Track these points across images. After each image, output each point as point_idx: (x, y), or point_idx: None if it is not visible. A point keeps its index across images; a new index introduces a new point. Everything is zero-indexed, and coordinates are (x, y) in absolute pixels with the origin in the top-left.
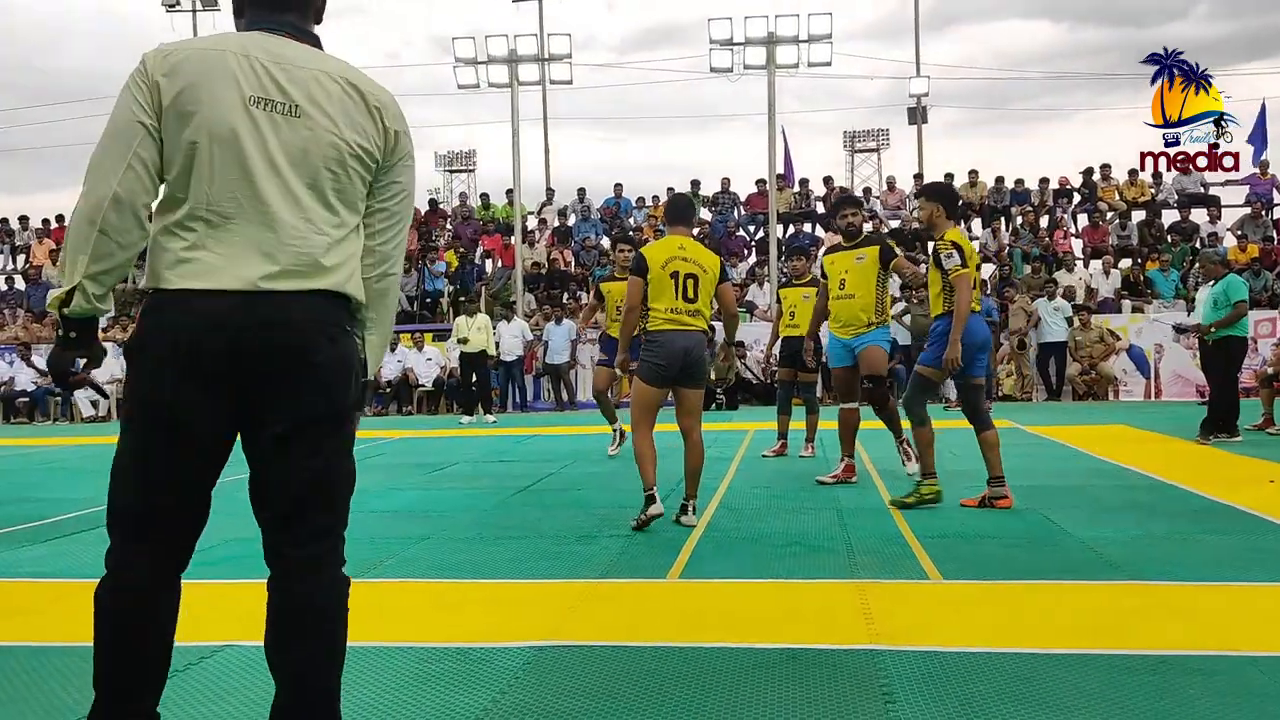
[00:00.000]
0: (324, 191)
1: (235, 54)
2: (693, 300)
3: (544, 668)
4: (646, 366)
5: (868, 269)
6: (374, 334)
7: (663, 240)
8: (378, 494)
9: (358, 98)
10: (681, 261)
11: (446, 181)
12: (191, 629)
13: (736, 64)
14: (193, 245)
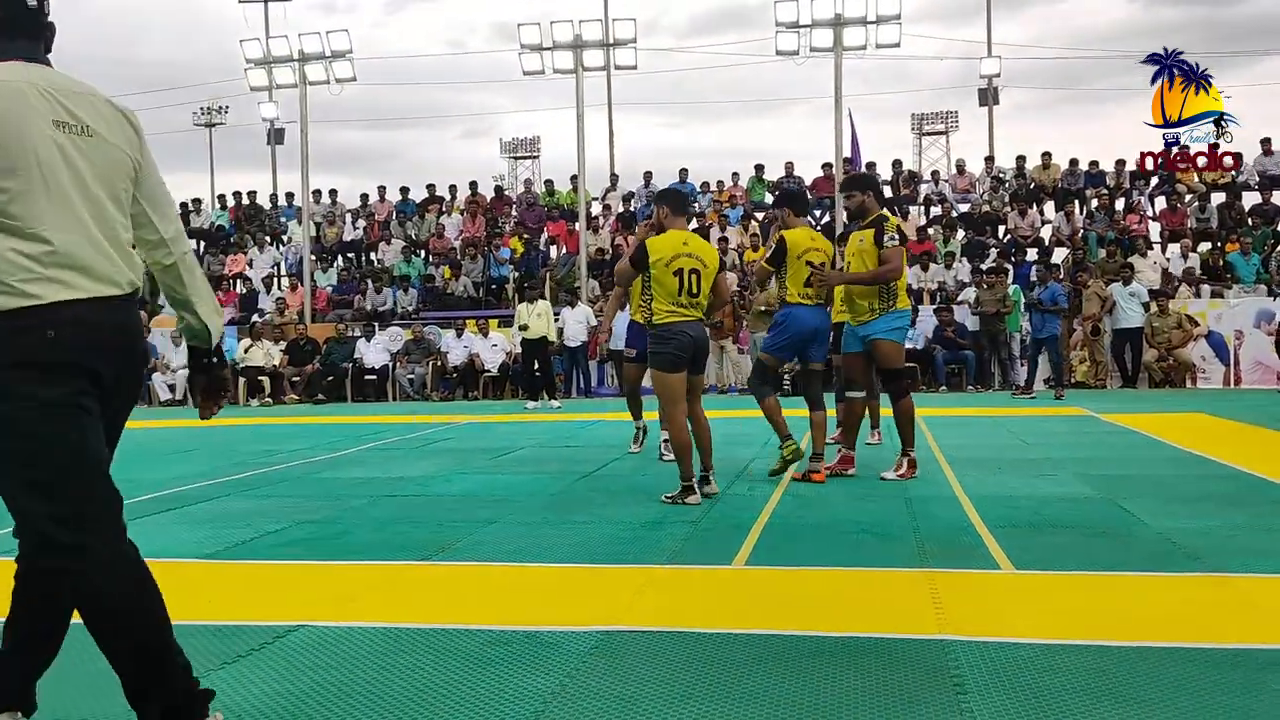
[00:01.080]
0: (121, 202)
1: (25, 82)
2: (695, 295)
3: (611, 652)
4: (665, 358)
5: (868, 251)
6: (204, 304)
7: (667, 235)
8: (445, 478)
9: (119, 115)
10: (686, 258)
11: (511, 168)
12: (264, 609)
13: (803, 46)
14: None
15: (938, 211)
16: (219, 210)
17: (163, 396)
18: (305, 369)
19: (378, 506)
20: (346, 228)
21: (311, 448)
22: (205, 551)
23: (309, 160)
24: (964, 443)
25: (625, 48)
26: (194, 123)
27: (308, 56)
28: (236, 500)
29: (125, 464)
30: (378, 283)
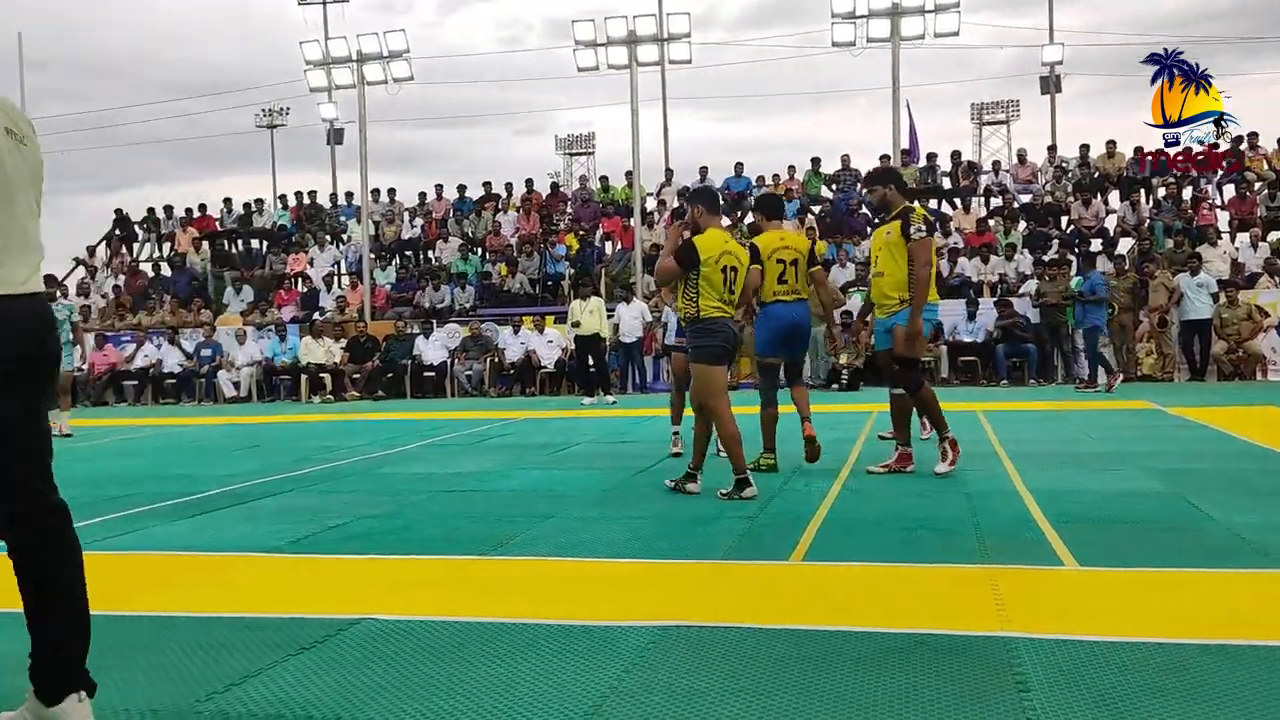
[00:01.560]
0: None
1: None
2: (734, 293)
3: (668, 647)
4: (712, 351)
5: (895, 244)
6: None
7: (711, 234)
8: (502, 473)
9: (28, 122)
10: (728, 255)
11: (566, 164)
12: (330, 602)
13: (859, 38)
14: None
15: (998, 203)
16: (280, 210)
17: (228, 393)
18: (365, 366)
19: (437, 502)
20: (405, 226)
21: (372, 444)
22: (271, 545)
23: (368, 160)
24: (1026, 437)
25: (679, 42)
26: (256, 124)
27: (365, 57)
28: (300, 495)
29: (194, 460)
30: (436, 280)
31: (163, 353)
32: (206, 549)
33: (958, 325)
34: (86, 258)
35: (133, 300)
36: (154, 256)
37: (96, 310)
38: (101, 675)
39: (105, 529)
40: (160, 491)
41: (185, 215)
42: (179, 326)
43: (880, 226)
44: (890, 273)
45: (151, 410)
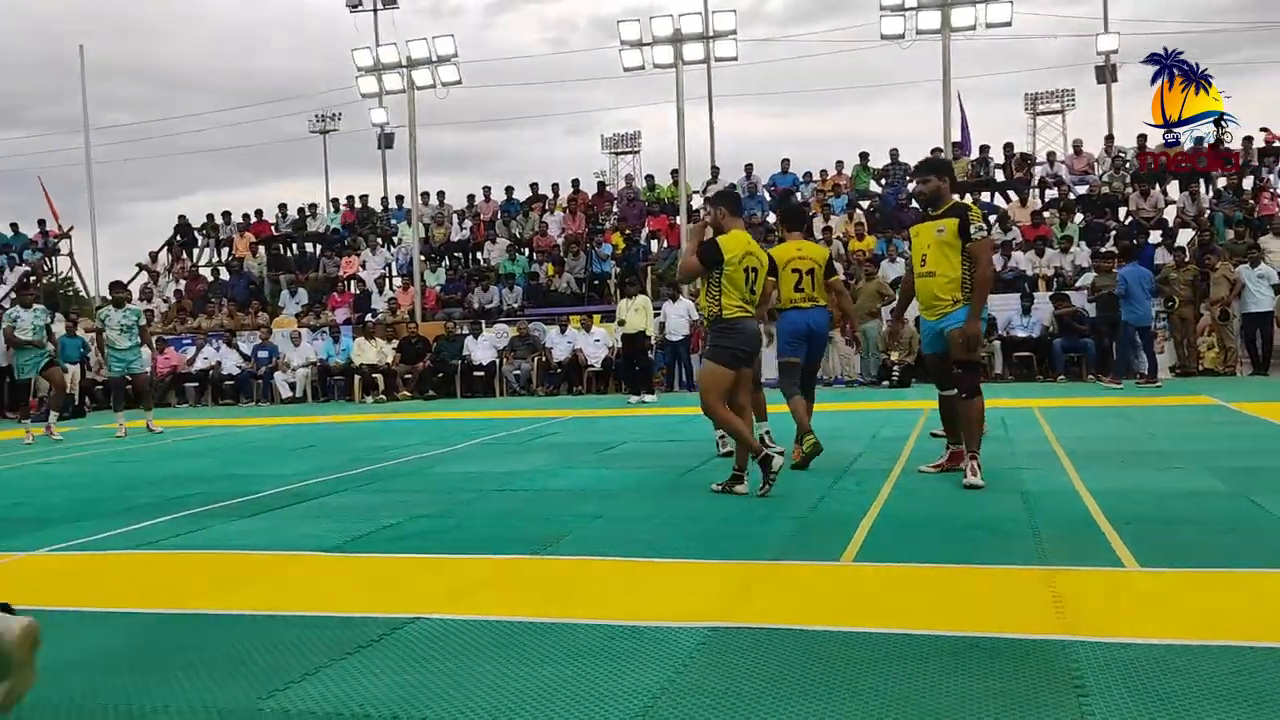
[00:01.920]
0: None
1: None
2: (754, 293)
3: (718, 649)
4: (729, 352)
5: (950, 243)
6: None
7: (734, 235)
8: (551, 473)
9: None
10: (751, 257)
11: (612, 164)
12: (381, 601)
13: (908, 30)
14: None
15: (1054, 194)
16: (333, 214)
17: (284, 394)
18: (416, 366)
19: (488, 501)
20: (454, 228)
21: (423, 443)
22: (326, 545)
23: (417, 163)
24: (1084, 434)
25: (725, 40)
26: (309, 130)
27: (415, 62)
28: (355, 495)
29: (253, 460)
30: (484, 281)
31: (221, 355)
32: (266, 548)
33: (1012, 320)
34: (149, 263)
35: (193, 304)
36: (213, 261)
37: (159, 314)
38: (169, 673)
39: (171, 528)
40: (221, 491)
41: (242, 221)
42: (237, 329)
43: (927, 222)
44: (943, 272)
45: (211, 411)
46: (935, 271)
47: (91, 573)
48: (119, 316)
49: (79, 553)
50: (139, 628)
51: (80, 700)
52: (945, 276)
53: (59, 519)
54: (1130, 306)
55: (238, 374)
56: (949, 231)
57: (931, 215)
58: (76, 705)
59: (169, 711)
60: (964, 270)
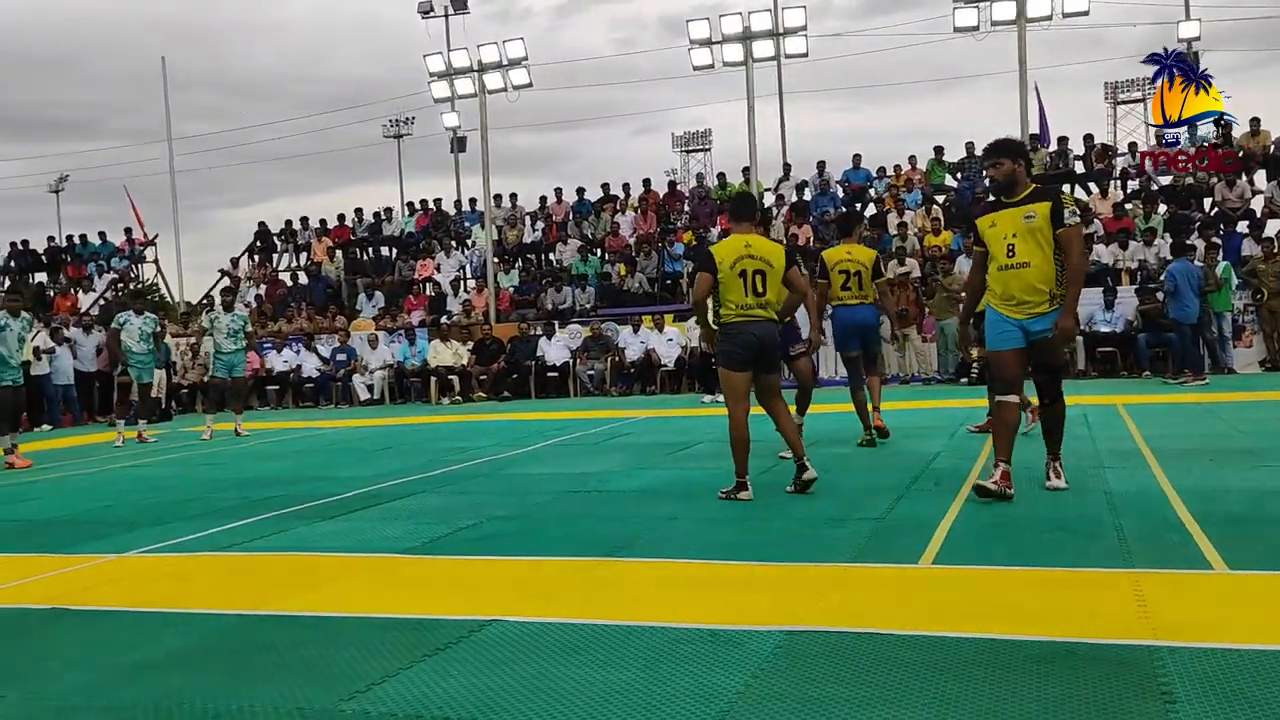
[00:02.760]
0: None
1: None
2: (761, 294)
3: (797, 653)
4: (728, 355)
5: (1040, 229)
6: None
7: (728, 240)
8: (625, 473)
9: None
10: (749, 259)
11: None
12: (460, 603)
13: (983, 21)
14: None
15: (1135, 186)
16: (407, 217)
17: (362, 396)
18: (491, 367)
19: (563, 502)
20: (526, 230)
21: (499, 444)
22: (404, 546)
23: (490, 165)
24: (1170, 432)
25: (795, 36)
26: (383, 135)
27: (486, 66)
28: (431, 497)
29: (333, 462)
30: (557, 282)
31: (301, 358)
32: (347, 550)
33: (1095, 314)
34: (231, 269)
35: (273, 308)
36: (291, 266)
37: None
38: (253, 674)
39: (257, 529)
40: (302, 493)
41: (320, 226)
42: (315, 332)
43: (1005, 209)
44: (1038, 264)
45: (291, 413)
46: (1029, 262)
47: (178, 574)
48: (227, 320)
49: (166, 555)
50: (223, 628)
51: (165, 701)
52: (1040, 269)
53: (147, 521)
54: (1178, 304)
55: (317, 376)
56: (1040, 217)
57: (1007, 202)
58: (162, 705)
59: (253, 711)
60: (1056, 262)
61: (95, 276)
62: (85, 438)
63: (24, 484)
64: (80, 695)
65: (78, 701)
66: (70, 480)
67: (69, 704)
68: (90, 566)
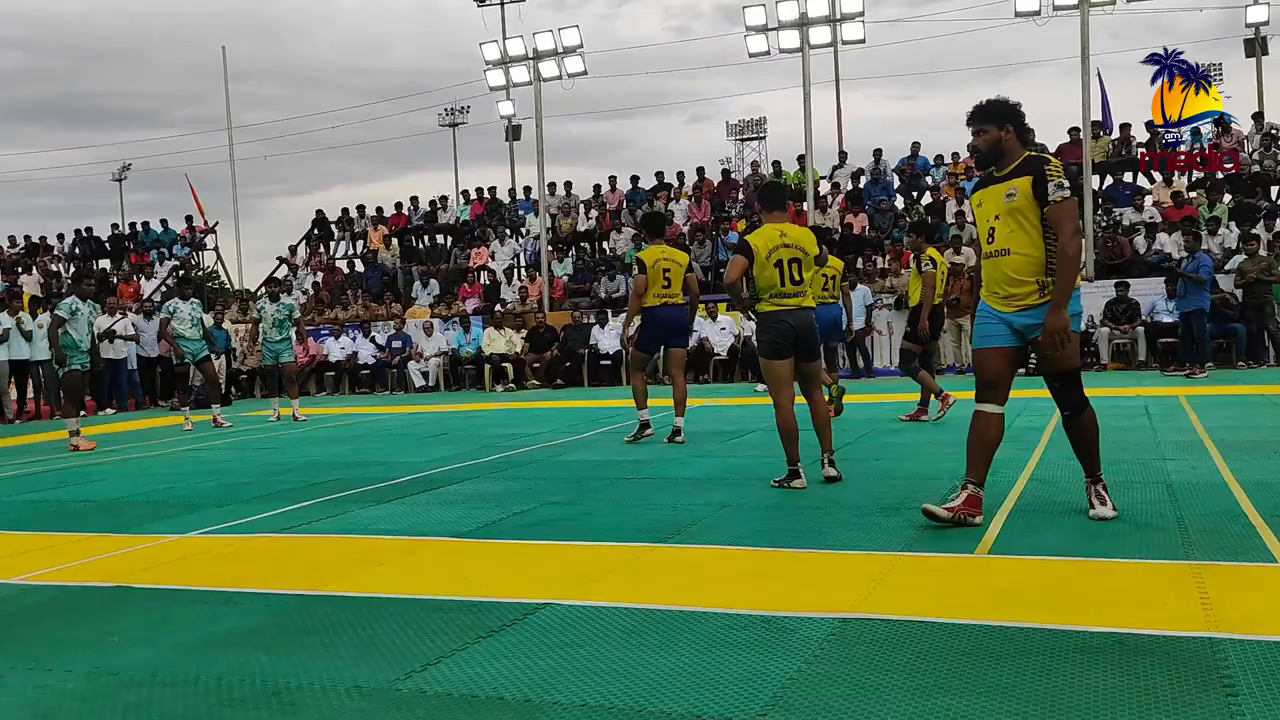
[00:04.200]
0: None
1: None
2: (799, 281)
3: (849, 640)
4: (767, 344)
5: (1022, 208)
6: None
7: (764, 229)
8: (679, 461)
9: None
10: (784, 248)
11: (738, 150)
12: (511, 587)
13: (1044, 6)
14: None
15: (1200, 174)
16: (463, 206)
17: (417, 383)
18: (544, 355)
19: (616, 489)
20: (580, 218)
21: (552, 431)
22: (460, 530)
23: (544, 154)
24: (1234, 424)
25: (852, 22)
26: (439, 124)
27: (541, 54)
28: (486, 482)
29: (389, 446)
30: (610, 271)
31: (357, 345)
32: (403, 533)
33: (1157, 305)
34: (289, 256)
35: (330, 296)
36: (348, 254)
37: (298, 306)
38: (310, 652)
39: (316, 511)
40: (359, 477)
41: (376, 214)
42: (371, 320)
43: (987, 186)
44: (1019, 248)
45: (348, 399)
46: (1009, 249)
47: (238, 555)
48: (273, 310)
49: (226, 535)
50: (281, 608)
51: (227, 676)
52: (1022, 254)
53: (208, 503)
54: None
55: (373, 363)
56: (1021, 194)
57: (997, 177)
58: (224, 681)
59: (311, 689)
60: (1047, 246)
61: (157, 263)
62: (147, 421)
63: (89, 466)
64: (144, 671)
65: (141, 677)
66: (133, 462)
67: (133, 679)
68: (153, 546)
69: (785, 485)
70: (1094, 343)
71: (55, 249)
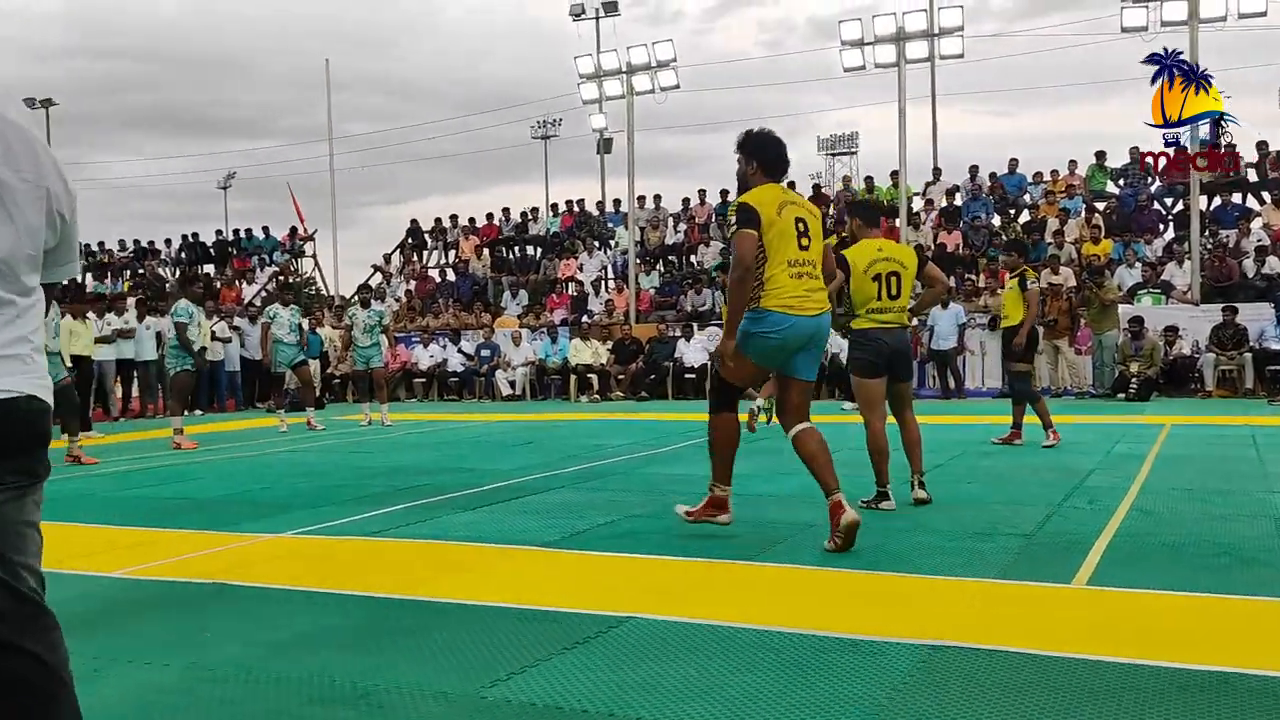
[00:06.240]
0: None
1: None
2: (896, 296)
3: (939, 669)
4: (860, 363)
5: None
6: None
7: (861, 244)
8: (765, 478)
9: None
10: (884, 262)
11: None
12: (595, 599)
13: (1152, 21)
14: None
15: None
16: (553, 218)
17: (504, 392)
18: (630, 367)
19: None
20: (669, 231)
21: (637, 443)
22: (544, 540)
23: (634, 166)
24: None
25: (951, 37)
26: (531, 136)
27: (635, 68)
28: (570, 492)
29: (477, 454)
30: (697, 284)
31: (446, 353)
32: (488, 540)
33: (1265, 331)
34: (383, 264)
35: (421, 303)
36: (440, 263)
37: (390, 314)
38: (396, 656)
39: (404, 516)
40: (447, 483)
41: (468, 224)
42: (461, 328)
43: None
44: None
45: (437, 405)
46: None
47: (328, 555)
48: (364, 316)
49: (318, 536)
50: (369, 610)
51: (316, 676)
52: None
53: (301, 504)
54: None
55: (461, 371)
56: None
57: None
58: (313, 681)
59: (399, 692)
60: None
61: (258, 269)
62: (244, 422)
63: (189, 464)
64: (236, 667)
65: (234, 673)
66: (230, 462)
67: (226, 675)
68: (248, 545)
69: (873, 506)
70: (1199, 368)
71: (162, 253)
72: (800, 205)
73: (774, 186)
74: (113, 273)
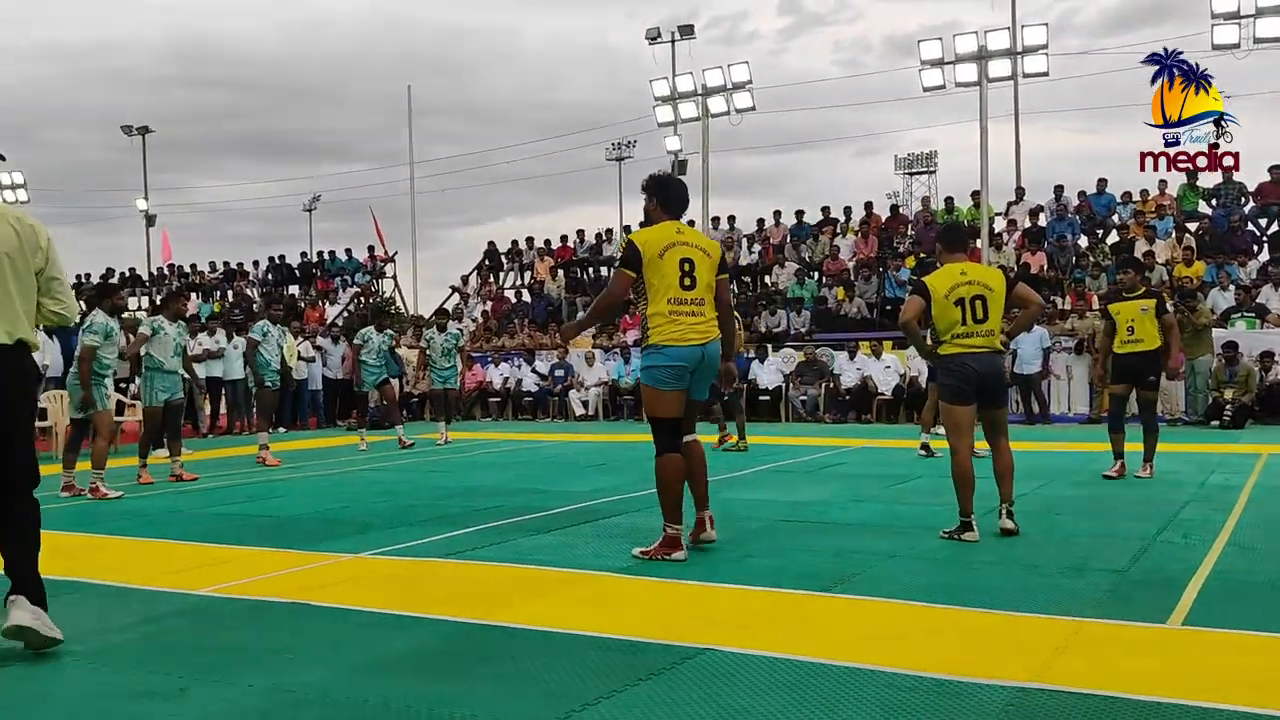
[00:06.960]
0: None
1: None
2: (982, 320)
3: (1030, 712)
4: (948, 389)
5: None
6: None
7: (943, 270)
8: (840, 505)
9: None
10: (967, 286)
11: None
12: (670, 628)
13: (1244, 38)
14: None
15: None
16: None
17: (578, 412)
18: None
19: (776, 531)
20: (743, 252)
21: (710, 467)
22: (616, 565)
23: (709, 188)
24: None
25: (1034, 55)
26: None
27: (710, 90)
28: (644, 516)
29: (551, 474)
30: (771, 305)
31: (521, 373)
32: (562, 565)
33: None
34: (461, 286)
35: (497, 324)
36: (516, 284)
37: (466, 334)
38: (472, 682)
39: (480, 538)
40: (522, 505)
41: (544, 246)
42: (535, 349)
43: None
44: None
45: (512, 425)
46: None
47: (406, 577)
48: (441, 339)
49: (396, 558)
50: (447, 635)
51: (394, 700)
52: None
53: (380, 524)
54: None
55: (535, 391)
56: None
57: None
58: (392, 705)
59: (476, 717)
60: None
61: (340, 290)
62: (327, 440)
63: (273, 482)
64: (317, 690)
65: (315, 696)
66: (312, 480)
67: (306, 698)
68: (327, 565)
69: (956, 537)
70: None
71: (250, 274)
72: (690, 246)
73: (669, 225)
74: (203, 294)
